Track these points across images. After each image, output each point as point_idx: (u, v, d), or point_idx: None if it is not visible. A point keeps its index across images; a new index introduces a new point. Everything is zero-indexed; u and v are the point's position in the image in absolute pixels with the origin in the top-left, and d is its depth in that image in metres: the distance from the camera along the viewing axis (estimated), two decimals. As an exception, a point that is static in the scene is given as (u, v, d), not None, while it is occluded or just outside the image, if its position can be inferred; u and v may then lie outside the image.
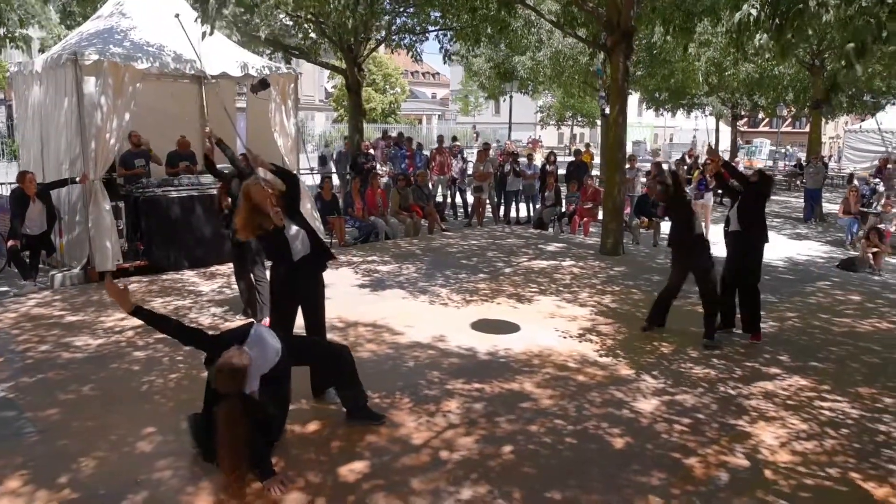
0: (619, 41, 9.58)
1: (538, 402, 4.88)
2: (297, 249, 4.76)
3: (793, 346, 6.25)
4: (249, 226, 4.61)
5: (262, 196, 4.50)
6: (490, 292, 8.00)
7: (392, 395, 4.95)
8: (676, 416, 4.67)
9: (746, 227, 6.30)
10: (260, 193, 4.50)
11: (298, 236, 4.78)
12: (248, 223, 4.60)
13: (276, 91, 9.59)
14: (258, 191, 4.50)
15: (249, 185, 4.55)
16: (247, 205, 4.55)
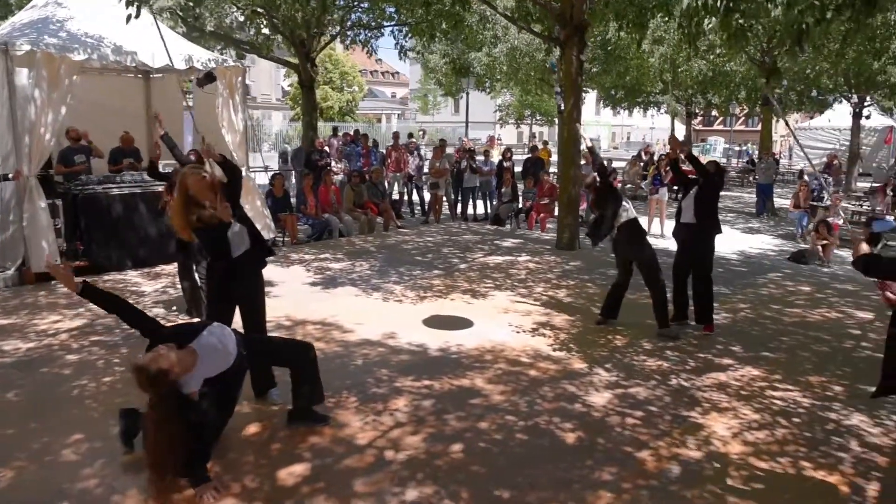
0: (572, 35, 9.53)
1: (489, 398, 4.75)
2: (236, 245, 4.53)
3: (745, 337, 6.24)
4: (184, 218, 4.34)
5: (198, 186, 4.21)
6: (444, 288, 7.86)
7: (338, 394, 4.76)
8: (629, 408, 4.59)
9: (701, 218, 6.26)
10: (197, 183, 4.20)
11: (238, 232, 4.55)
12: (182, 216, 4.32)
13: (222, 85, 9.30)
14: (195, 181, 4.20)
15: (186, 174, 4.26)
16: (181, 195, 4.25)
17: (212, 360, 3.64)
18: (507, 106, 41.73)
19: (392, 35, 15.91)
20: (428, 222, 13.36)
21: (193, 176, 4.22)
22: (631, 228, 6.34)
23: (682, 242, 6.46)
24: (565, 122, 9.94)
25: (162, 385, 3.29)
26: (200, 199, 4.25)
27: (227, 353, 3.76)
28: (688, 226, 6.33)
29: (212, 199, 4.28)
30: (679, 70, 17.28)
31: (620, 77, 15.65)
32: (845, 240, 13.28)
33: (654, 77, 16.24)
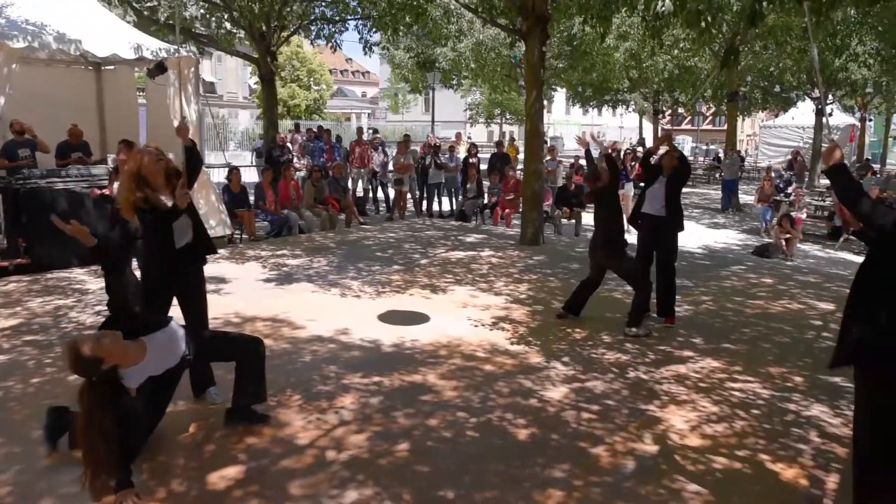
0: (534, 26, 9.38)
1: (440, 394, 4.54)
2: (179, 236, 4.27)
3: (706, 329, 6.13)
4: (131, 198, 4.05)
5: (151, 168, 3.99)
6: (403, 284, 7.65)
7: (282, 392, 4.52)
8: (585, 403, 4.42)
9: (671, 210, 6.14)
10: (151, 164, 3.99)
11: (183, 223, 4.29)
12: (129, 192, 4.03)
13: (174, 75, 8.97)
14: (149, 161, 3.99)
15: (142, 151, 4.06)
16: (131, 171, 4.00)
17: (159, 358, 3.49)
18: (477, 105, 41.59)
19: (356, 30, 15.67)
20: (392, 219, 13.14)
21: (149, 156, 4.02)
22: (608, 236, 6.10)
23: (648, 233, 6.32)
24: (527, 115, 9.78)
25: (89, 371, 3.12)
26: (150, 181, 4.01)
27: (174, 353, 3.61)
28: (656, 218, 6.18)
29: (161, 185, 4.05)
30: (644, 65, 17.26)
31: (586, 73, 15.58)
32: (808, 234, 13.38)
33: (620, 73, 16.19)
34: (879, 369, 2.69)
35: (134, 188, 3.98)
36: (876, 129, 38.81)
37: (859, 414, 2.82)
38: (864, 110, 28.10)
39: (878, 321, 2.67)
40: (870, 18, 11.77)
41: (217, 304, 6.61)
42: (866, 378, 2.76)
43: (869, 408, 2.75)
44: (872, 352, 2.69)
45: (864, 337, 2.72)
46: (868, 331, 2.70)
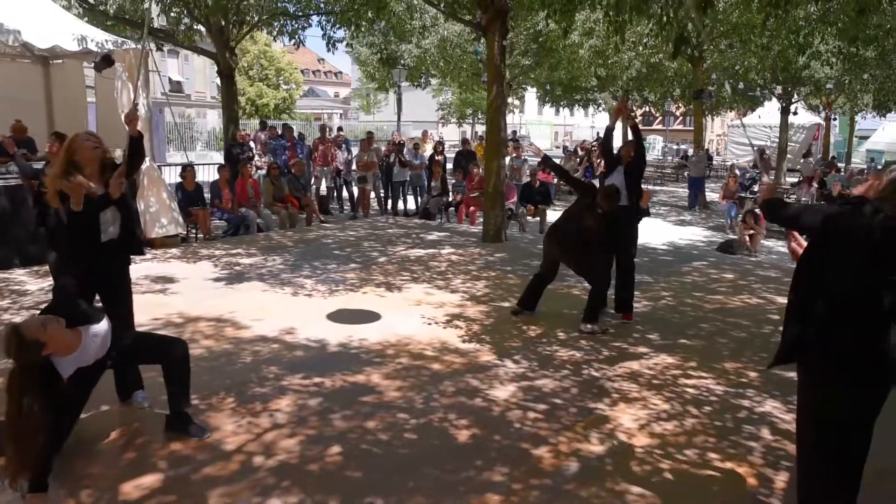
0: (494, 19, 9.21)
1: (382, 394, 4.34)
2: (106, 229, 4.02)
3: (664, 325, 6.01)
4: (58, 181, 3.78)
5: (85, 155, 3.82)
6: (358, 282, 7.43)
7: (215, 394, 4.28)
8: (532, 402, 4.25)
9: (631, 199, 5.99)
10: (85, 151, 3.83)
11: (111, 216, 4.04)
12: (57, 178, 3.78)
13: (122, 68, 8.65)
14: (84, 148, 3.83)
15: (78, 136, 3.89)
16: (64, 156, 3.83)
17: (90, 350, 3.38)
18: (449, 105, 41.45)
19: (319, 26, 15.36)
20: (356, 217, 12.89)
21: (84, 142, 3.85)
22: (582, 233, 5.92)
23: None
24: (488, 111, 9.61)
25: (29, 355, 3.02)
26: (83, 167, 3.83)
27: (102, 347, 3.47)
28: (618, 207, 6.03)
29: (94, 173, 3.87)
30: (609, 62, 17.22)
31: (553, 69, 15.49)
32: (772, 230, 13.39)
33: (585, 69, 16.12)
34: (818, 364, 2.55)
35: (64, 173, 3.79)
36: (841, 128, 39.40)
37: (802, 410, 2.68)
38: (829, 110, 28.42)
39: (815, 317, 2.53)
40: (830, 15, 11.80)
41: (160, 304, 6.37)
42: (805, 374, 2.63)
43: (810, 404, 2.61)
44: (810, 347, 2.55)
45: (802, 333, 2.57)
46: (806, 327, 2.56)
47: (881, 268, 2.40)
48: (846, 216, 2.46)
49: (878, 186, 2.49)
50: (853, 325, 2.46)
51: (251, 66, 35.56)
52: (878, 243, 2.38)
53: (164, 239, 9.25)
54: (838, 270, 2.48)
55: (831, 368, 2.52)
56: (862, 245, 2.41)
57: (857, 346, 2.46)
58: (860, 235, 2.41)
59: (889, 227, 2.37)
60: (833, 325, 2.49)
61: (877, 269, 2.41)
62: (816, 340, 2.53)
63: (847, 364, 2.47)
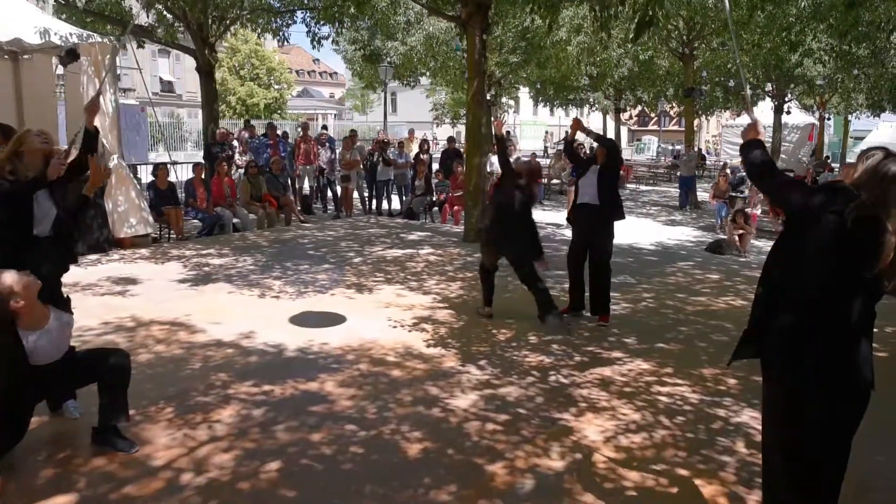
0: (474, 13, 8.94)
1: (334, 403, 4.05)
2: (39, 223, 3.74)
3: (642, 328, 5.73)
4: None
5: (34, 146, 3.68)
6: (328, 283, 7.14)
7: (155, 404, 3.99)
8: (493, 412, 3.96)
9: (604, 199, 5.73)
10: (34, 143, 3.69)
11: (46, 208, 3.77)
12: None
13: (87, 62, 8.36)
14: (34, 141, 3.70)
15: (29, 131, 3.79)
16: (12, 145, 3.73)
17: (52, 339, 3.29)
18: (442, 105, 41.16)
19: (304, 22, 15.10)
20: (339, 217, 12.61)
21: (33, 137, 3.73)
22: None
23: (582, 225, 5.91)
24: (469, 107, 9.34)
25: None
26: (27, 158, 3.69)
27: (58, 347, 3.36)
28: (590, 207, 5.77)
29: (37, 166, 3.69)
30: (598, 59, 16.95)
31: (541, 67, 15.21)
32: (764, 230, 13.15)
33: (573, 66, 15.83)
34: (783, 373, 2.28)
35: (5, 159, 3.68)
36: (836, 128, 39.22)
37: (768, 415, 2.42)
38: (823, 109, 28.19)
39: (780, 320, 2.27)
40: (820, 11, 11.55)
41: (116, 306, 6.09)
42: (770, 378, 2.36)
43: (776, 410, 2.35)
44: (774, 353, 2.29)
45: (767, 336, 2.31)
46: (770, 327, 2.30)
47: (852, 263, 2.14)
48: (822, 200, 2.20)
49: (854, 174, 2.23)
50: (821, 331, 2.20)
51: (242, 66, 35.24)
52: (851, 233, 2.12)
53: (134, 239, 8.96)
54: (808, 265, 2.21)
55: (797, 377, 2.26)
56: (833, 235, 2.15)
57: (825, 354, 2.19)
58: (832, 224, 2.14)
59: (863, 217, 2.10)
60: (799, 331, 2.23)
61: (848, 265, 2.15)
62: (781, 346, 2.27)
63: (814, 375, 2.20)
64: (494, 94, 19.53)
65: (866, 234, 2.09)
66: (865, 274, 2.11)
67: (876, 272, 2.10)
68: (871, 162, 2.18)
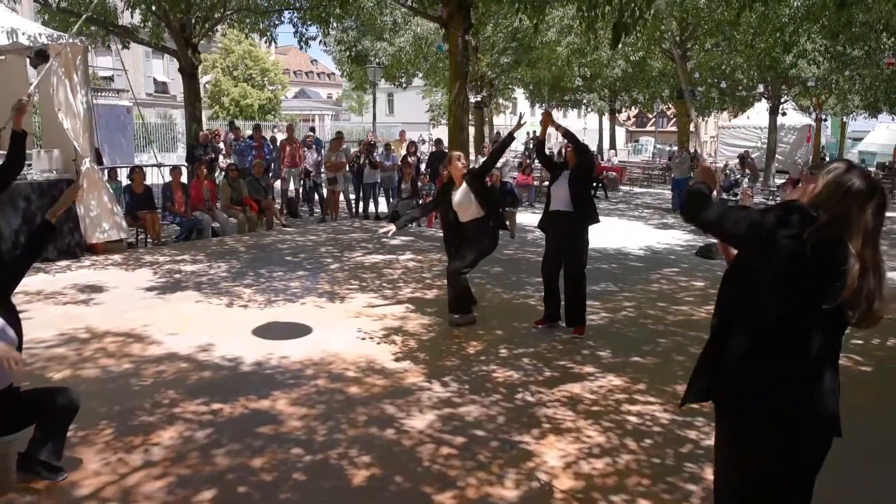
0: (455, 13, 8.73)
1: (283, 424, 3.83)
2: None
3: (618, 340, 5.51)
4: None
5: None
6: (300, 291, 6.93)
7: (95, 424, 3.77)
8: (450, 434, 3.74)
9: (577, 204, 5.51)
10: None
11: None
12: None
13: (57, 63, 8.14)
14: None
15: None
16: None
17: None
18: (438, 106, 40.95)
19: (291, 23, 14.87)
20: (325, 220, 12.40)
21: None
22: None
23: (555, 234, 5.69)
24: (450, 109, 9.13)
25: None
26: None
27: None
28: (562, 214, 5.56)
29: None
30: (588, 59, 16.75)
31: (531, 67, 15.01)
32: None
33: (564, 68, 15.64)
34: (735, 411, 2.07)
35: None
36: (833, 129, 39.04)
37: (720, 449, 2.19)
38: (820, 110, 28.00)
39: (732, 352, 2.05)
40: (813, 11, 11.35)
41: (74, 316, 5.88)
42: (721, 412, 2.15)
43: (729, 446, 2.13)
44: (726, 391, 2.07)
45: (717, 371, 2.09)
46: (722, 362, 2.08)
47: (811, 293, 1.92)
48: (773, 225, 1.97)
49: (814, 190, 2.00)
50: (776, 365, 1.98)
51: (236, 67, 35.01)
52: (809, 261, 1.90)
53: (108, 244, 8.74)
54: (762, 295, 1.99)
55: (750, 415, 2.04)
56: (789, 262, 1.92)
57: (780, 389, 1.98)
58: (787, 250, 1.92)
59: (823, 241, 1.88)
60: (752, 365, 2.01)
61: (806, 295, 1.93)
62: (732, 381, 2.05)
63: (767, 412, 1.99)
64: (486, 96, 19.36)
65: (827, 260, 1.88)
66: (827, 304, 1.89)
67: (839, 302, 1.88)
68: (832, 176, 1.96)
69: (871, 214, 1.90)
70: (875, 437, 3.72)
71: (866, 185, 1.93)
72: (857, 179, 1.93)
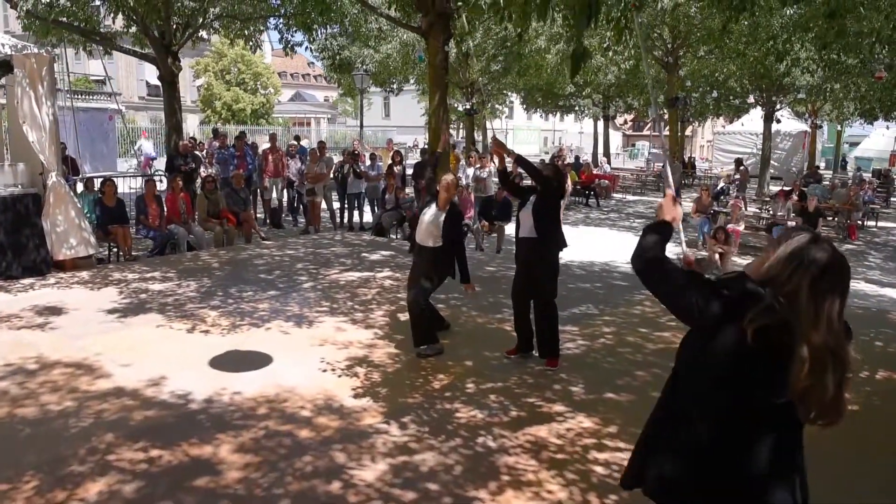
0: (435, 23, 8.47)
1: (222, 476, 3.57)
2: None
3: (593, 373, 5.24)
4: None
5: None
6: (268, 314, 6.66)
7: (20, 476, 3.50)
8: (400, 488, 3.48)
9: (542, 231, 5.25)
10: None
11: None
12: None
13: (21, 74, 7.89)
14: None
15: None
16: None
17: None
18: (433, 110, 40.76)
19: (277, 29, 14.62)
20: (308, 232, 12.14)
21: None
22: None
23: (522, 260, 5.43)
24: (430, 120, 8.87)
25: None
26: None
27: None
28: (527, 240, 5.30)
29: None
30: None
31: (520, 75, 14.77)
32: (749, 246, 12.71)
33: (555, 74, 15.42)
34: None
35: None
36: (829, 135, 38.88)
37: None
38: (815, 116, 27.81)
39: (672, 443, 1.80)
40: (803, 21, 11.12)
41: (25, 343, 5.61)
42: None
43: None
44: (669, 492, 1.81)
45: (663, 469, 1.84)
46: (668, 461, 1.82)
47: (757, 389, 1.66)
48: (716, 312, 1.72)
49: (774, 263, 1.73)
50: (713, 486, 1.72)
51: (228, 71, 34.75)
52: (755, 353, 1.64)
53: (76, 261, 8.47)
54: (704, 393, 1.74)
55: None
56: (730, 354, 1.67)
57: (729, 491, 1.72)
58: (730, 338, 1.66)
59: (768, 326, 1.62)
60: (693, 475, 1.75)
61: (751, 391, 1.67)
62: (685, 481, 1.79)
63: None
64: (477, 102, 19.14)
65: (773, 349, 1.62)
66: (774, 400, 1.63)
67: (788, 398, 1.62)
68: (789, 248, 1.70)
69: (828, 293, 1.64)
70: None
71: (826, 257, 1.66)
72: (819, 252, 1.67)
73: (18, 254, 7.94)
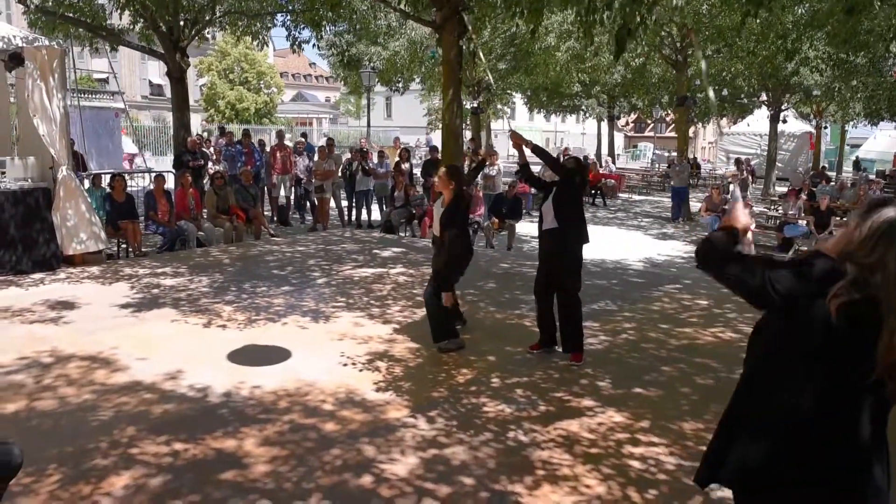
0: (449, 17, 8.39)
1: (249, 469, 3.48)
2: None
3: (619, 367, 5.15)
4: None
5: None
6: (284, 309, 6.57)
7: (43, 469, 3.41)
8: (434, 482, 3.39)
9: (564, 222, 5.16)
10: None
11: None
12: None
13: (32, 66, 7.81)
14: None
15: None
16: None
17: None
18: (436, 109, 40.68)
19: (284, 26, 14.57)
20: (316, 229, 12.05)
21: None
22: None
23: (544, 254, 5.34)
24: (444, 116, 8.79)
25: None
26: None
27: None
28: (549, 232, 5.22)
29: None
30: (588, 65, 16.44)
31: (528, 73, 14.69)
32: (758, 245, 12.61)
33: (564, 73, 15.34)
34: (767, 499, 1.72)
35: None
36: (833, 136, 38.79)
37: None
38: (820, 117, 27.73)
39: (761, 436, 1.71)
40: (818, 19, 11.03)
41: (39, 337, 5.52)
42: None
43: None
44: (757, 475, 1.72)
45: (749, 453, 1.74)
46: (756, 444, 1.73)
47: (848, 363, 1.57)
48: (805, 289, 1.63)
49: (857, 238, 1.63)
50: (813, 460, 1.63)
51: (231, 70, 34.68)
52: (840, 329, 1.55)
53: (85, 256, 8.38)
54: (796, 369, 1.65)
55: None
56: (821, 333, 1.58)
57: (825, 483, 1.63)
58: (822, 314, 1.58)
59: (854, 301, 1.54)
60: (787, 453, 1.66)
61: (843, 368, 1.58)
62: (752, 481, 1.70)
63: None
64: (483, 101, 19.04)
65: (859, 324, 1.53)
66: (864, 379, 1.55)
67: (876, 376, 1.54)
68: (870, 221, 1.60)
69: None
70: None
71: None
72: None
73: (28, 248, 7.85)
